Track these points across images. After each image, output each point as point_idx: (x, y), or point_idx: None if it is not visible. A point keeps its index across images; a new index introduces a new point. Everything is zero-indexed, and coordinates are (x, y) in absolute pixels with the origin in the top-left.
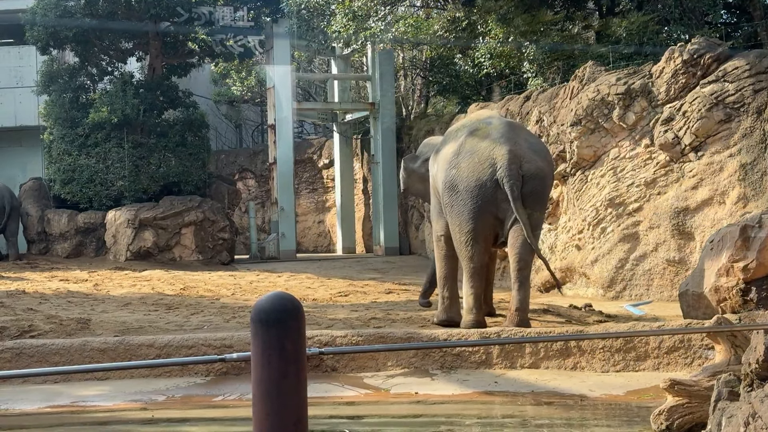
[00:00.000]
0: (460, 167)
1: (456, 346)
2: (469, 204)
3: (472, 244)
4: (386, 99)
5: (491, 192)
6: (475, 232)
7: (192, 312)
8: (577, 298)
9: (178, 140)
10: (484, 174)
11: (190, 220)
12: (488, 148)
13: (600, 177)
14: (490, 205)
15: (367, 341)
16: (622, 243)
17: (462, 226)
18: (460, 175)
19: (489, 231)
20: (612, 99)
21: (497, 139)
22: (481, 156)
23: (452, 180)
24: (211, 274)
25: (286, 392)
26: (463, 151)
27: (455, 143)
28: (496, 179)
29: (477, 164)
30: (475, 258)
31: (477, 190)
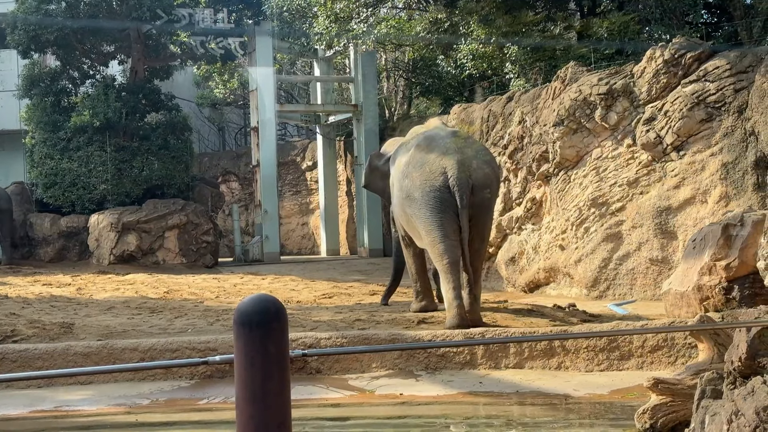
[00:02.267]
0: (413, 177)
1: (440, 347)
2: (430, 205)
3: (441, 240)
4: (369, 101)
5: (448, 196)
6: (442, 228)
7: (176, 315)
8: (561, 298)
9: (161, 143)
10: (437, 181)
11: (174, 224)
12: (438, 158)
13: (583, 177)
14: (449, 206)
15: (351, 343)
16: (606, 243)
17: (428, 227)
18: (414, 184)
19: (455, 226)
20: (594, 99)
21: (446, 150)
22: (432, 166)
23: (408, 190)
24: (195, 277)
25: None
26: (414, 161)
27: (407, 154)
28: (448, 186)
29: (429, 173)
30: (447, 253)
31: (433, 193)
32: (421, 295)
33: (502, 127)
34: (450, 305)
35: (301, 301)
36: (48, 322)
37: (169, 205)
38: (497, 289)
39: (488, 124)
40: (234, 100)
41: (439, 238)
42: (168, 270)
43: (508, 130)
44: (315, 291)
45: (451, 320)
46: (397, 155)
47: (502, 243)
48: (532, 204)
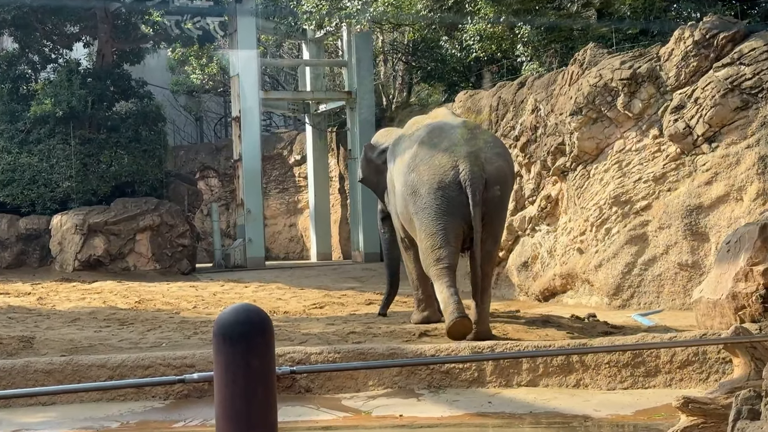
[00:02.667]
0: (420, 171)
1: (445, 363)
2: (434, 206)
3: (441, 245)
4: (364, 87)
5: (456, 194)
6: (444, 233)
7: (148, 328)
8: (580, 308)
9: (132, 135)
10: (446, 176)
11: (146, 225)
12: (449, 150)
13: (603, 172)
14: (456, 206)
15: (345, 358)
16: (629, 245)
17: (429, 229)
18: (421, 178)
19: (459, 231)
20: (616, 85)
21: (457, 141)
22: (441, 159)
23: (413, 184)
24: (169, 285)
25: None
26: (421, 153)
27: (412, 145)
28: (459, 182)
29: (438, 167)
30: (445, 259)
31: (441, 191)
32: (423, 304)
33: (513, 116)
34: (447, 302)
35: (289, 311)
36: (5, 335)
37: (141, 205)
38: (508, 298)
39: (497, 113)
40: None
41: (439, 243)
42: (139, 277)
43: (519, 120)
44: (304, 300)
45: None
46: (398, 147)
47: (514, 246)
48: (547, 202)
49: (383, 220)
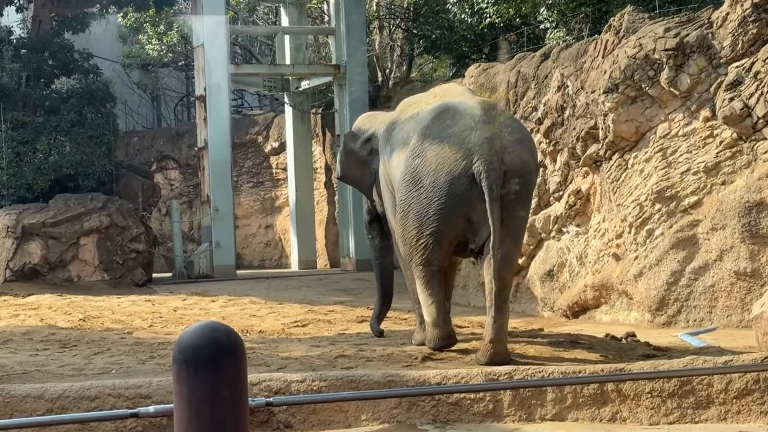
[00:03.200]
0: (427, 156)
1: (453, 392)
2: (436, 202)
3: (432, 247)
4: (355, 60)
5: (465, 188)
6: (438, 234)
7: (95, 351)
8: (616, 326)
9: (75, 118)
10: (457, 166)
11: (92, 227)
12: (463, 133)
13: (644, 162)
14: (462, 204)
15: (333, 387)
16: (675, 250)
17: (423, 227)
18: (427, 166)
19: (456, 234)
20: (659, 57)
21: (474, 124)
22: (453, 143)
23: (415, 171)
24: (120, 300)
25: None
26: (430, 135)
27: (417, 125)
28: (472, 173)
29: (449, 153)
30: (435, 261)
31: (447, 185)
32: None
33: (535, 94)
34: (432, 323)
35: (265, 330)
36: None
37: (86, 202)
38: (529, 314)
39: (516, 90)
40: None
41: (430, 244)
42: (84, 290)
43: (543, 99)
44: (283, 317)
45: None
46: (397, 132)
47: (536, 251)
48: (577, 198)
49: (371, 222)
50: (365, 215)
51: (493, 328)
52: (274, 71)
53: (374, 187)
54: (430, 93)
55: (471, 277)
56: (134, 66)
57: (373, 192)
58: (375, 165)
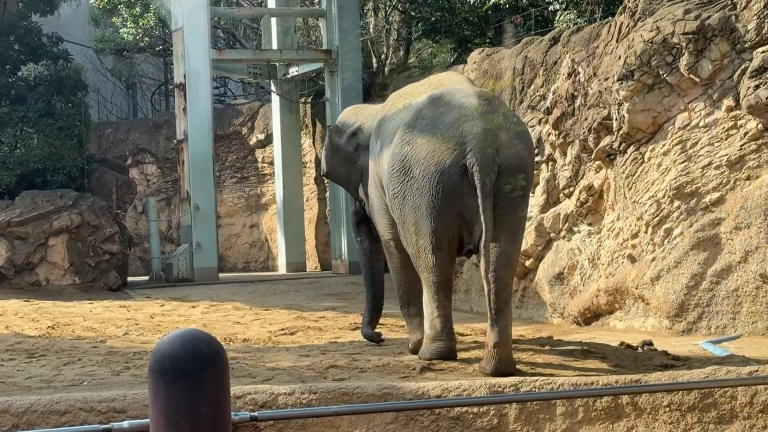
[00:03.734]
0: (416, 144)
1: (455, 406)
2: (427, 195)
3: (433, 249)
4: (348, 44)
5: (456, 182)
6: (437, 233)
7: (65, 361)
8: (631, 333)
9: (43, 108)
10: (447, 156)
11: (62, 226)
12: (456, 122)
13: (662, 155)
14: (453, 198)
15: (323, 401)
16: (696, 251)
17: (420, 225)
18: (416, 154)
19: (454, 233)
20: (678, 41)
21: (469, 113)
22: (445, 132)
23: (404, 160)
24: (93, 305)
25: None
26: (421, 122)
27: (408, 112)
28: (464, 165)
29: (439, 142)
30: (439, 268)
31: (437, 176)
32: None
33: (543, 82)
34: (437, 336)
35: (250, 339)
36: None
37: (55, 200)
38: (537, 321)
39: (523, 77)
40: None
41: (430, 247)
42: (54, 294)
43: (552, 87)
44: (270, 324)
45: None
46: (388, 124)
47: (545, 252)
48: (588, 195)
49: (359, 223)
50: (353, 216)
51: (495, 332)
52: (260, 57)
53: (361, 185)
54: (424, 83)
55: (474, 280)
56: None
57: (360, 191)
58: (362, 162)
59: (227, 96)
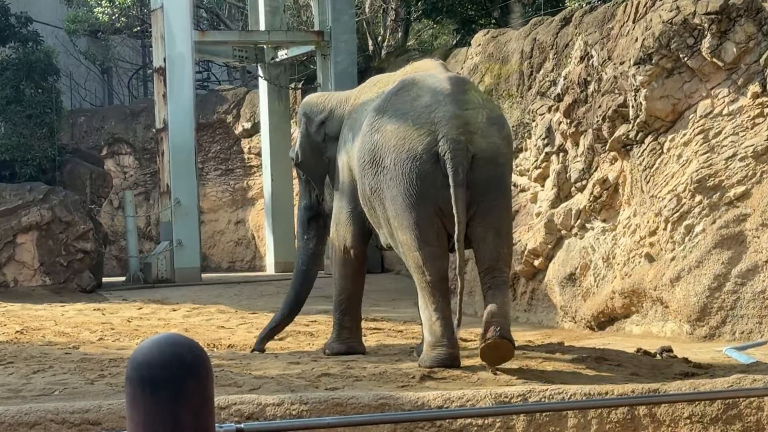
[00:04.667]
0: (386, 131)
1: (457, 417)
2: (402, 184)
3: (418, 245)
4: (342, 25)
5: (429, 170)
6: (418, 227)
7: (35, 368)
8: (649, 338)
9: (11, 94)
10: (419, 143)
11: (31, 223)
12: (428, 108)
13: (682, 145)
14: (428, 187)
15: (315, 411)
16: (720, 250)
17: (400, 217)
18: (386, 142)
19: (438, 226)
20: (699, 21)
21: (441, 98)
22: (417, 118)
23: (374, 148)
24: (65, 308)
25: None
26: (391, 108)
27: (378, 99)
28: (436, 152)
29: (410, 129)
30: (431, 265)
31: (411, 163)
32: (346, 331)
33: (553, 66)
34: (438, 342)
35: (236, 345)
36: None
37: (24, 193)
38: (548, 325)
39: (531, 61)
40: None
41: (415, 242)
42: (22, 296)
43: (563, 72)
44: (257, 329)
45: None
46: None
47: (555, 251)
48: (603, 189)
49: (310, 220)
50: (303, 212)
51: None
52: (246, 39)
53: (326, 179)
54: (399, 72)
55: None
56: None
57: (326, 185)
58: (330, 153)
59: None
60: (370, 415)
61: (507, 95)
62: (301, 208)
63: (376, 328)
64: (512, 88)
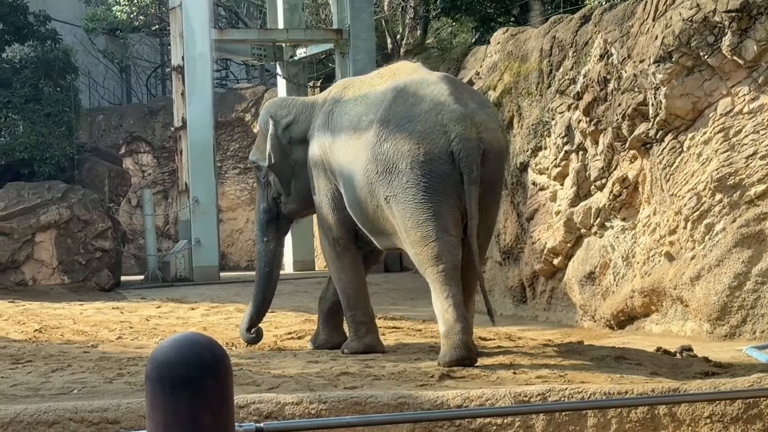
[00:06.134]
0: (397, 140)
1: (477, 417)
2: (422, 183)
3: (436, 237)
4: (361, 23)
5: (448, 169)
6: (437, 218)
7: (54, 367)
8: (669, 338)
9: (29, 93)
10: (435, 145)
11: (50, 221)
12: (433, 110)
13: (703, 144)
14: (449, 184)
15: (334, 411)
16: (740, 249)
17: (417, 215)
18: (399, 148)
19: (457, 217)
20: (720, 19)
21: (443, 99)
22: (426, 122)
23: (387, 157)
24: (83, 307)
25: None
26: (395, 117)
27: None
28: (451, 151)
29: (423, 133)
30: (445, 255)
31: (429, 164)
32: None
33: (573, 64)
34: (450, 330)
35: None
36: None
37: (43, 192)
38: (567, 324)
39: (551, 59)
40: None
41: (434, 234)
42: (41, 295)
43: (582, 70)
44: (276, 327)
45: (453, 352)
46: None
47: (575, 250)
48: (622, 187)
49: (269, 223)
50: (263, 215)
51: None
52: (265, 37)
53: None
54: (375, 74)
55: (497, 281)
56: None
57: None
58: (295, 156)
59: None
60: (389, 414)
61: (526, 93)
62: (261, 211)
63: (395, 327)
64: (531, 87)
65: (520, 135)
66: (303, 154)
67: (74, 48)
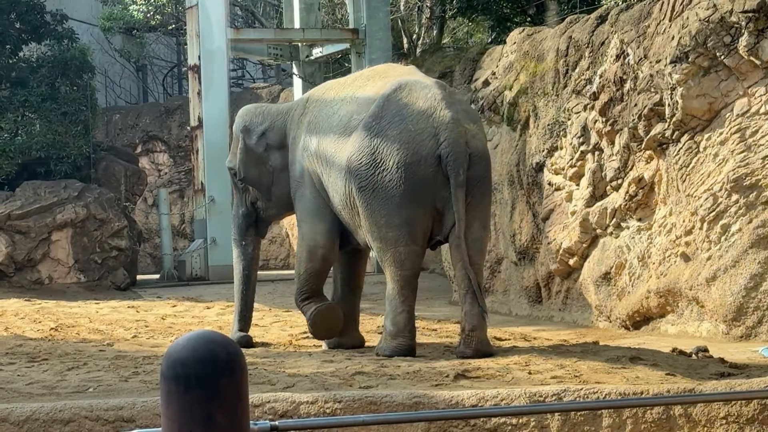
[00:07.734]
0: (387, 135)
1: (492, 416)
2: (402, 186)
3: (405, 242)
4: (377, 23)
5: (431, 172)
6: (409, 225)
7: (69, 366)
8: (685, 338)
9: (46, 92)
10: (423, 147)
11: (66, 220)
12: (426, 112)
13: (719, 144)
14: (428, 188)
15: (349, 410)
16: (756, 249)
17: (391, 217)
18: (390, 145)
19: (427, 225)
20: (737, 19)
21: (436, 103)
22: (417, 123)
23: (375, 152)
24: (99, 305)
25: None
26: (388, 113)
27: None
28: (439, 155)
29: (413, 133)
30: (410, 261)
31: (414, 167)
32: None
33: (589, 64)
34: (399, 333)
35: (270, 342)
36: None
37: (59, 191)
38: (582, 324)
39: (567, 60)
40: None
41: (404, 240)
42: (57, 293)
43: (598, 70)
44: (291, 327)
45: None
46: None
47: (590, 250)
48: (638, 188)
49: (248, 227)
50: (242, 219)
51: (470, 314)
52: (281, 36)
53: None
54: (357, 75)
55: (512, 281)
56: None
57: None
58: (273, 162)
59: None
60: (404, 413)
61: (542, 93)
62: (240, 216)
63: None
64: (547, 86)
65: (536, 135)
66: (282, 160)
67: (91, 47)
